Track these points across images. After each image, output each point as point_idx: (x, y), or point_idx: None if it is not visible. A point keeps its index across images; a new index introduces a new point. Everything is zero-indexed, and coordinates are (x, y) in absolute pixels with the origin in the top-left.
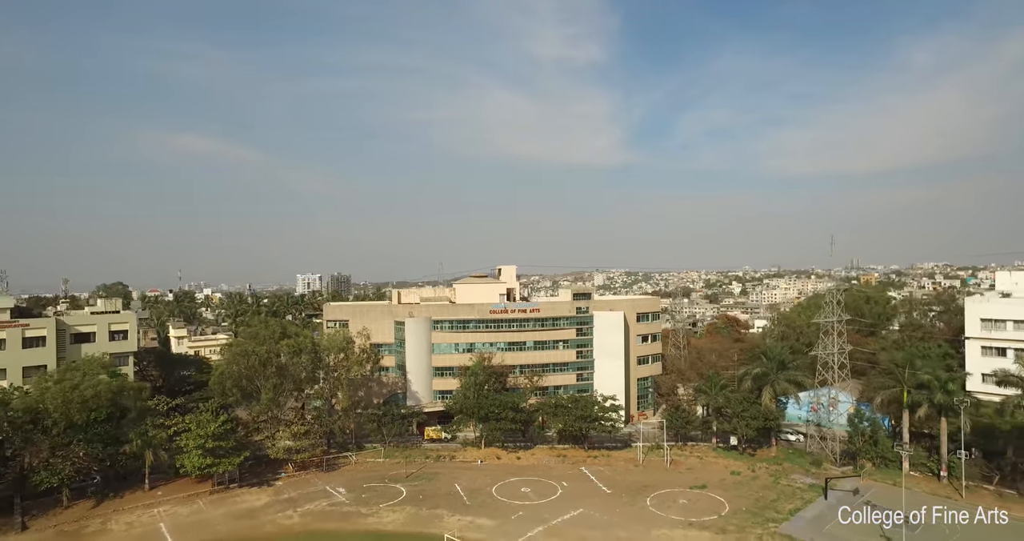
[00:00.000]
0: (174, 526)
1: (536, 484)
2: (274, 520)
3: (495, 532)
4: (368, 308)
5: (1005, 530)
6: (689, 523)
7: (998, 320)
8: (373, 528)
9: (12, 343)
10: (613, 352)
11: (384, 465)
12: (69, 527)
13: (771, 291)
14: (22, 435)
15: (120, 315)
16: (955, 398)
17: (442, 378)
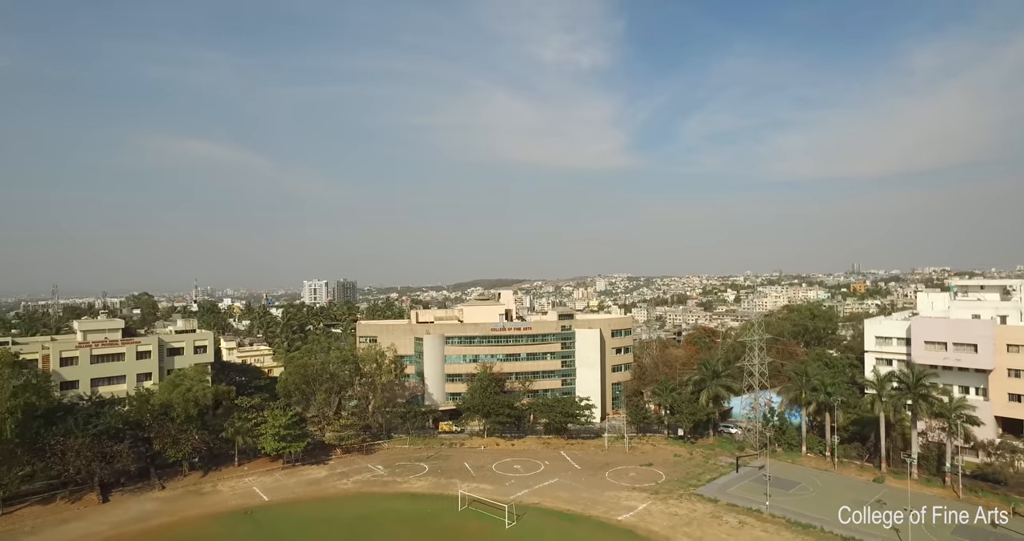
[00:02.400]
0: (264, 489)
1: (525, 462)
2: (334, 485)
3: (494, 493)
4: (393, 326)
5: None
6: (633, 488)
7: (886, 337)
8: (406, 491)
9: (129, 356)
10: (591, 362)
11: (409, 450)
12: (191, 488)
13: (762, 299)
14: (157, 422)
15: (200, 333)
16: (833, 398)
17: (453, 383)
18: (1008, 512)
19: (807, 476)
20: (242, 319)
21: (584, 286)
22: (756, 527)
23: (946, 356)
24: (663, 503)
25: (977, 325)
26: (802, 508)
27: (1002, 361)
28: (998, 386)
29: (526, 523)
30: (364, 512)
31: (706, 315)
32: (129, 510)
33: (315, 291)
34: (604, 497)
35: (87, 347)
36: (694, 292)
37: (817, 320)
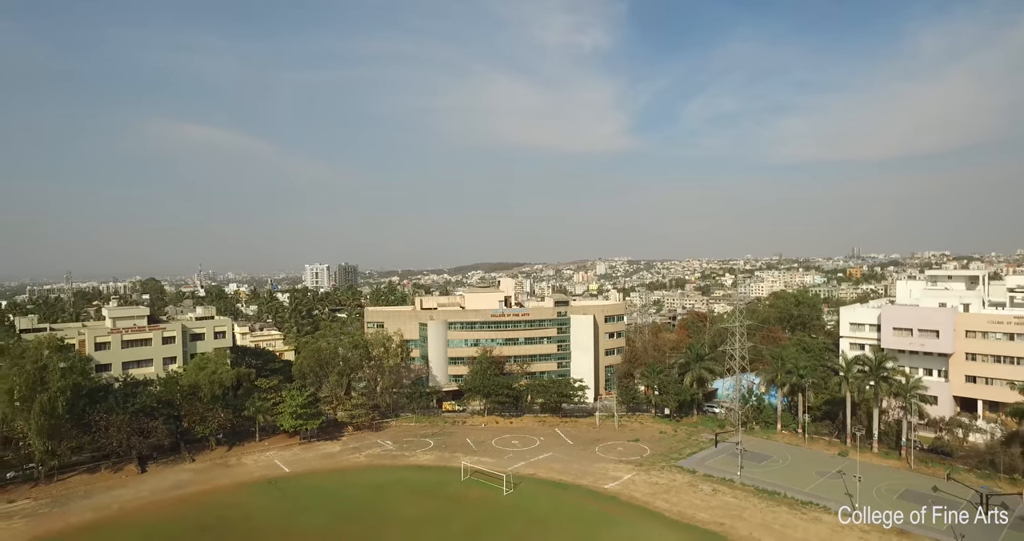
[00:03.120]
0: (284, 462)
1: (522, 438)
2: (348, 458)
3: (494, 465)
4: (399, 312)
5: (823, 459)
6: (620, 461)
7: (860, 324)
8: (414, 463)
9: (155, 341)
10: (585, 346)
11: (415, 427)
12: (219, 461)
13: (759, 284)
14: (187, 402)
15: (219, 320)
16: (804, 380)
17: (455, 365)
18: (944, 477)
19: (779, 450)
20: (249, 304)
21: (585, 270)
22: (727, 494)
23: (912, 341)
24: (646, 474)
25: (939, 313)
26: (771, 478)
27: (961, 346)
28: (957, 369)
29: (523, 491)
30: (376, 482)
31: (703, 299)
32: (166, 479)
33: (317, 275)
34: (593, 469)
35: (118, 333)
36: (693, 276)
37: (802, 307)
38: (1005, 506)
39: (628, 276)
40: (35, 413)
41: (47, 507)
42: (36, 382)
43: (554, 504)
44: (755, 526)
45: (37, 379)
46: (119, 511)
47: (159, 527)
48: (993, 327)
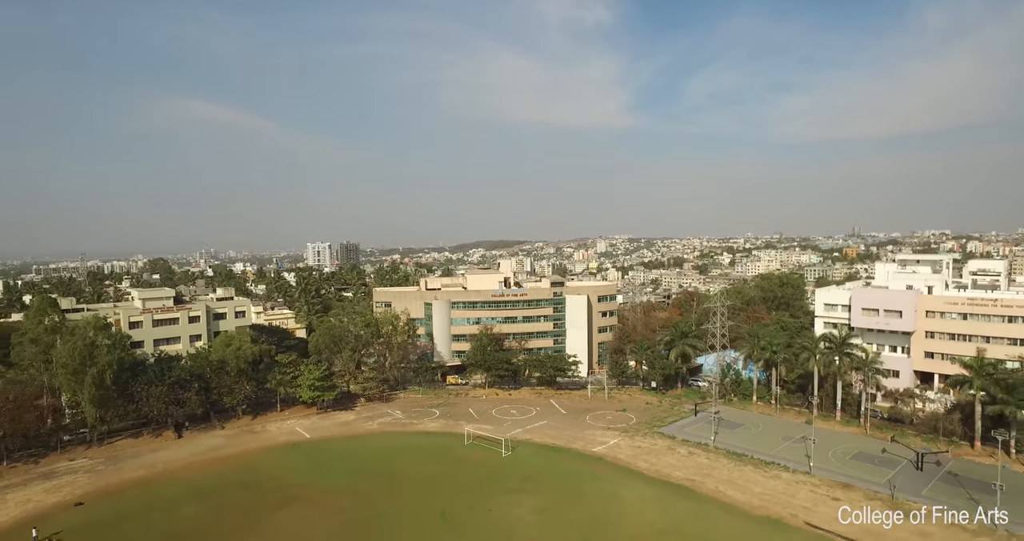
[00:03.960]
0: (304, 429)
1: (519, 408)
2: (362, 426)
3: (494, 431)
4: (405, 293)
5: (790, 427)
6: (608, 428)
7: (833, 304)
8: (422, 430)
9: (183, 320)
10: (579, 324)
11: (422, 399)
12: (245, 428)
13: (755, 263)
14: (216, 375)
15: (238, 300)
16: (777, 356)
17: (458, 342)
18: (888, 439)
19: (752, 419)
20: (257, 284)
21: (585, 248)
22: (701, 456)
23: (878, 320)
24: (630, 439)
25: (902, 295)
26: (742, 443)
27: (921, 325)
28: (917, 345)
29: (519, 453)
30: (389, 445)
31: (700, 278)
32: (201, 444)
33: (319, 253)
34: (583, 435)
35: (149, 313)
36: (692, 255)
37: (786, 288)
38: (938, 462)
39: (628, 254)
40: (87, 385)
41: (103, 465)
42: (86, 358)
43: (547, 464)
44: (721, 481)
45: (87, 355)
46: (165, 469)
47: (202, 482)
48: (949, 308)
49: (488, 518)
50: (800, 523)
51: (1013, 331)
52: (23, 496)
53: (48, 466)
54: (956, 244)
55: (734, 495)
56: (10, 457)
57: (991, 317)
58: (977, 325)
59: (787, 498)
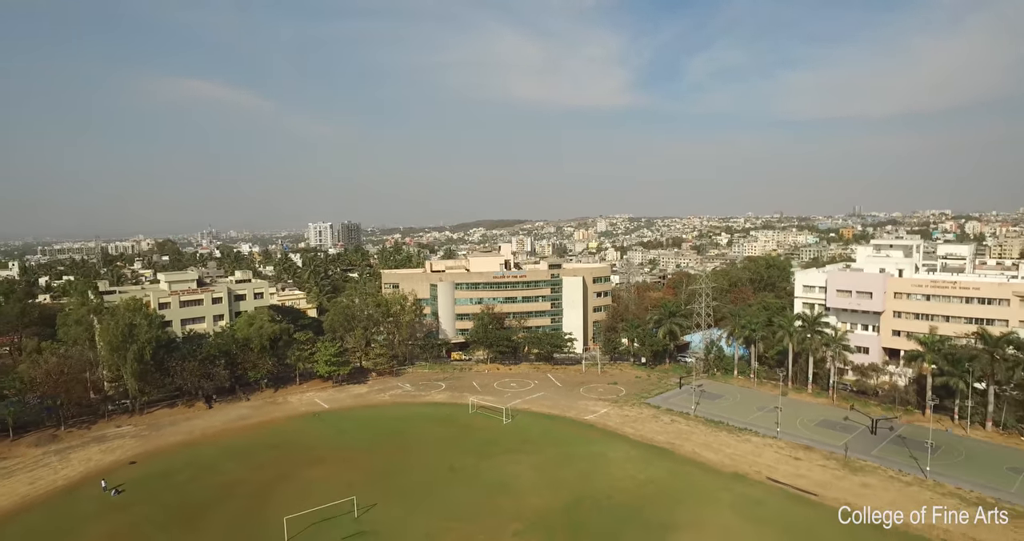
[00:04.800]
0: (322, 400)
1: (519, 381)
2: (375, 397)
3: (495, 402)
4: (412, 275)
5: (766, 398)
6: (599, 399)
7: (811, 286)
8: (430, 401)
9: (206, 302)
10: (575, 304)
11: (429, 373)
12: (269, 400)
13: (752, 243)
14: (241, 352)
15: (256, 282)
16: (756, 334)
17: (462, 321)
18: (848, 408)
19: (732, 391)
20: (265, 265)
21: (585, 227)
22: (682, 423)
23: (850, 301)
24: (619, 409)
25: (872, 277)
26: (720, 412)
27: (890, 305)
28: (886, 324)
29: (519, 421)
30: (400, 414)
31: (698, 259)
32: (230, 413)
33: (320, 233)
34: (577, 405)
35: (176, 295)
36: (691, 235)
37: (772, 269)
38: (891, 428)
39: (628, 233)
40: (129, 360)
41: (146, 431)
42: (127, 336)
43: (543, 430)
44: (697, 444)
45: (128, 334)
46: (202, 435)
47: (236, 445)
48: (915, 289)
49: (490, 473)
50: (762, 478)
51: (969, 311)
52: (84, 455)
53: (99, 431)
54: (954, 224)
55: (708, 455)
56: (66, 423)
57: (951, 298)
58: (939, 305)
59: (754, 458)
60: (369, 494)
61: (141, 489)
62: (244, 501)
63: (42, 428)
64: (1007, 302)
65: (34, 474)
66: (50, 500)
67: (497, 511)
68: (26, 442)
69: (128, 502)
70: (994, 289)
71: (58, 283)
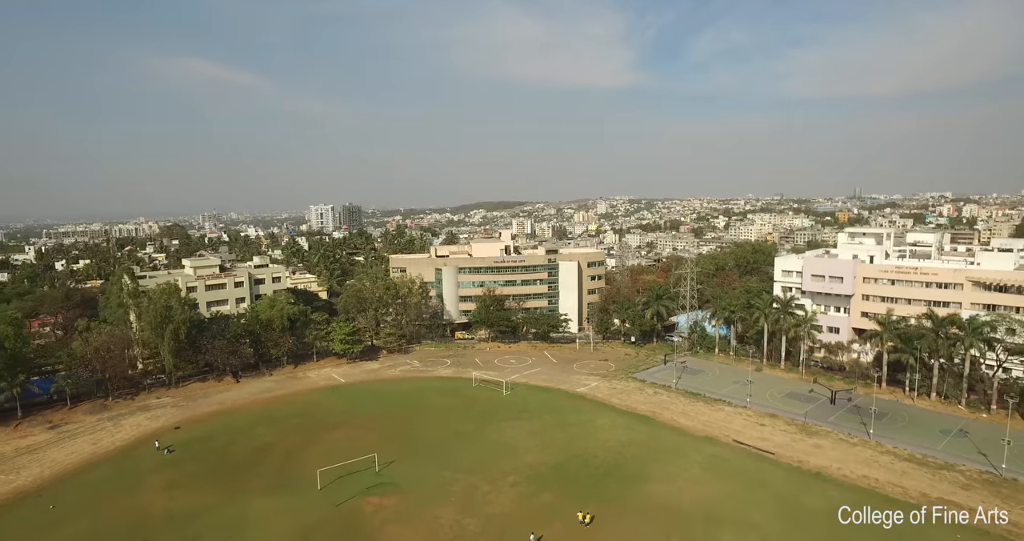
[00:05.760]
0: (339, 375)
1: (518, 358)
2: (386, 372)
3: (496, 376)
4: (418, 260)
5: (742, 374)
6: (591, 374)
7: (789, 270)
8: (436, 375)
9: (229, 286)
10: (570, 287)
11: (435, 351)
12: (289, 375)
13: (749, 226)
14: (264, 331)
15: (274, 267)
16: (735, 315)
17: (465, 303)
18: (821, 383)
19: (712, 367)
20: (272, 249)
21: (586, 209)
22: (663, 395)
23: (823, 285)
24: (608, 382)
25: (843, 263)
26: (699, 385)
27: (860, 289)
28: (856, 306)
29: (517, 392)
30: (410, 387)
31: (695, 242)
32: (256, 387)
33: (322, 215)
34: (570, 379)
35: (202, 279)
36: (689, 217)
37: (758, 254)
38: (849, 398)
39: (628, 216)
40: (167, 338)
41: (183, 402)
42: (164, 317)
43: (539, 400)
44: (676, 413)
45: (165, 315)
46: (232, 405)
47: (265, 413)
48: (881, 274)
49: (491, 436)
50: (730, 440)
51: (929, 294)
52: (133, 422)
53: (142, 402)
54: (952, 207)
55: (684, 422)
56: (113, 394)
57: (912, 282)
58: (902, 289)
59: (724, 424)
60: (386, 452)
61: (188, 449)
62: (278, 459)
63: (93, 398)
64: (961, 286)
65: (95, 436)
66: (113, 457)
67: (497, 466)
68: (82, 410)
69: (179, 459)
70: (950, 275)
71: (76, 267)
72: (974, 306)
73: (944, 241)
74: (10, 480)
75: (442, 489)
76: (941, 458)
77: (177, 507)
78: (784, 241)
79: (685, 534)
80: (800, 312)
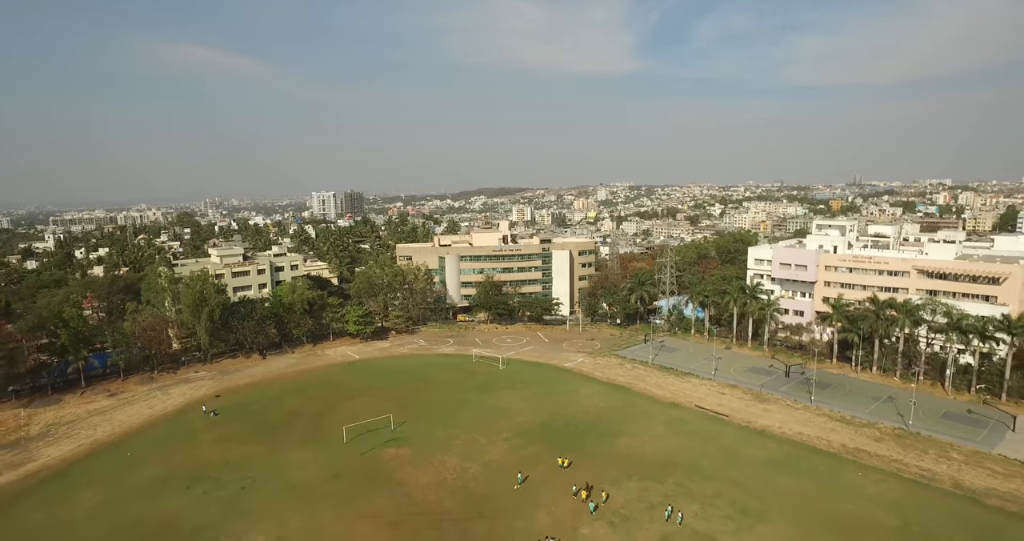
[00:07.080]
0: (353, 352)
1: (514, 338)
2: (396, 350)
3: (494, 353)
4: (423, 248)
5: (714, 352)
6: (578, 351)
7: (761, 259)
8: (441, 353)
9: (252, 272)
10: (563, 273)
11: (439, 332)
12: (309, 353)
13: (744, 214)
14: (287, 314)
15: (291, 256)
16: (708, 299)
17: (466, 288)
18: (780, 360)
19: (688, 346)
20: (280, 236)
21: (586, 196)
22: (640, 369)
23: (790, 273)
24: (593, 359)
25: (808, 253)
26: (673, 362)
27: (822, 276)
28: (818, 292)
29: (512, 367)
30: (418, 363)
31: (690, 229)
32: (280, 362)
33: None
34: (559, 356)
35: (228, 267)
36: (687, 204)
37: (739, 243)
38: (803, 372)
39: (628, 202)
40: (203, 319)
41: (218, 375)
42: (201, 301)
43: (531, 373)
44: (650, 384)
45: (201, 298)
46: (263, 378)
47: (291, 384)
48: (841, 263)
49: (489, 402)
50: (692, 406)
51: (881, 281)
52: (179, 391)
53: (183, 375)
54: (948, 195)
55: (655, 391)
56: (157, 368)
57: (867, 270)
58: (859, 276)
59: (690, 392)
60: (399, 415)
61: (229, 413)
62: (308, 420)
63: (140, 372)
64: (908, 274)
65: (149, 402)
66: (170, 418)
67: (493, 425)
68: (133, 381)
69: (223, 421)
70: (898, 263)
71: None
72: (919, 292)
73: (912, 232)
74: (90, 435)
75: (447, 442)
76: (866, 419)
77: (231, 456)
78: (776, 229)
79: (644, 474)
80: (764, 297)
